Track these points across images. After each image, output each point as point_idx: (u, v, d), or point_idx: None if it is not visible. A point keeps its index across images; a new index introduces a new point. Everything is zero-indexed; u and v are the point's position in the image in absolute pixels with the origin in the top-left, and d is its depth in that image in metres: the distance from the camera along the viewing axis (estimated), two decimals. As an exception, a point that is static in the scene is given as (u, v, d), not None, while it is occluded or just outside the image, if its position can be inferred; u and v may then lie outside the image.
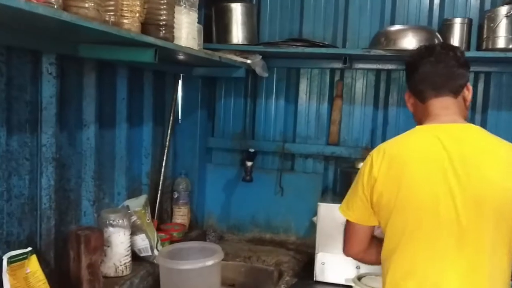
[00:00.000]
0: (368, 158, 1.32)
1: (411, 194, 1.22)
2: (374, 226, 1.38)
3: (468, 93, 1.35)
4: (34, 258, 1.41)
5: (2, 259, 1.30)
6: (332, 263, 2.05)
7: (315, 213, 2.10)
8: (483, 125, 2.25)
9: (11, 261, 1.33)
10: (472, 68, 2.23)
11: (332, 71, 2.45)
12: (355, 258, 1.49)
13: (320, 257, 2.06)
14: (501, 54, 1.99)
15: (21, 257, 1.36)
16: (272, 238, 2.55)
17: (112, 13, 1.30)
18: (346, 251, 1.45)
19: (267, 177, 2.50)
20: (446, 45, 1.48)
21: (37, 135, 1.46)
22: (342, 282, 2.00)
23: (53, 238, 1.54)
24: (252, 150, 2.42)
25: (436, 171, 1.21)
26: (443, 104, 1.32)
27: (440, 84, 1.31)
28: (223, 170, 2.58)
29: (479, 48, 2.12)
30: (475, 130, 1.29)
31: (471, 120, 2.28)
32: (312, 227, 2.28)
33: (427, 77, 1.32)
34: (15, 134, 1.37)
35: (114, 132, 1.88)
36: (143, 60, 1.43)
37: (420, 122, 1.36)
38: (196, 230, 2.46)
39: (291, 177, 2.49)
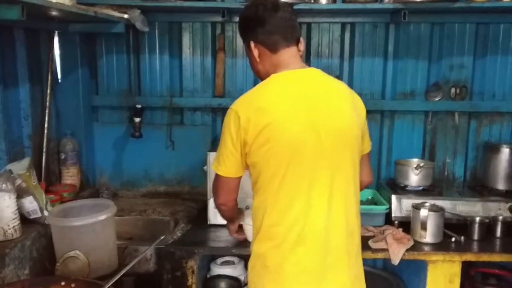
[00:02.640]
0: (232, 113, 1.42)
1: (282, 137, 1.37)
2: (241, 176, 1.53)
3: (301, 44, 1.52)
4: None
5: None
6: (223, 207, 2.19)
7: (205, 163, 2.21)
8: (351, 70, 2.50)
9: None
10: (338, 19, 2.46)
11: (213, 24, 2.52)
12: (224, 209, 1.66)
13: (212, 202, 2.19)
14: (361, 6, 2.20)
15: None
16: (167, 191, 2.64)
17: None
18: (217, 201, 1.62)
19: (157, 132, 2.55)
20: (282, 2, 1.62)
21: None
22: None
23: None
24: (139, 106, 2.44)
25: (299, 112, 1.38)
26: (291, 54, 1.48)
27: (290, 36, 1.47)
28: (111, 128, 2.57)
29: (344, 0, 2.32)
30: (319, 73, 1.50)
31: (341, 67, 2.51)
32: (204, 176, 2.40)
33: (278, 29, 1.45)
34: None
35: (-13, 94, 1.79)
36: (9, 18, 1.37)
37: (267, 73, 1.48)
38: (88, 190, 2.46)
39: (181, 131, 2.57)
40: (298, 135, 1.37)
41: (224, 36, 2.51)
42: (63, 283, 1.43)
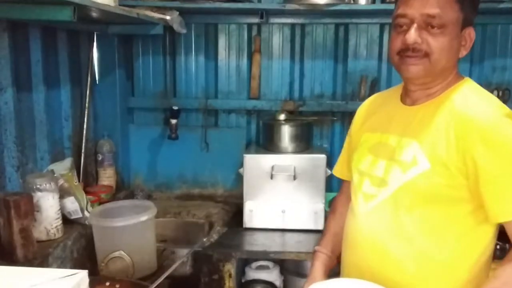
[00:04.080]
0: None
1: None
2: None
3: None
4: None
5: None
6: (259, 210, 2.17)
7: (240, 166, 2.20)
8: (389, 72, 2.46)
9: None
10: (377, 20, 2.40)
11: (250, 26, 2.50)
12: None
13: (248, 205, 2.18)
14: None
15: None
16: (201, 193, 2.63)
17: (24, -32, 1.24)
18: None
19: (191, 134, 2.55)
20: None
21: (-50, 101, 1.38)
22: (269, 226, 2.16)
23: (-21, 207, 1.49)
24: (175, 107, 2.44)
25: None
26: None
27: None
28: (147, 129, 2.58)
29: (383, 0, 2.28)
30: None
31: (379, 69, 2.47)
32: (238, 179, 2.39)
33: None
34: None
35: (32, 96, 1.81)
36: (61, 19, 1.38)
37: (454, 68, 1.20)
38: (123, 191, 2.47)
39: (215, 133, 2.56)
40: None
41: (260, 38, 2.50)
42: (107, 283, 1.43)
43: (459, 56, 1.19)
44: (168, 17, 2.05)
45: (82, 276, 0.61)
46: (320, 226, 2.10)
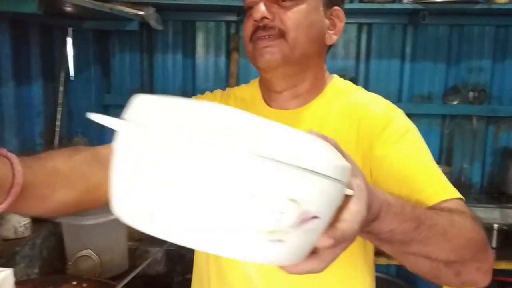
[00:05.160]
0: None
1: None
2: None
3: None
4: None
5: None
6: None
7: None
8: (367, 72, 2.46)
9: None
10: (355, 20, 2.42)
11: (228, 24, 2.49)
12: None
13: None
14: (379, 6, 2.16)
15: None
16: (177, 192, 2.60)
17: (-14, -42, 1.21)
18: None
19: (168, 131, 2.51)
20: None
21: None
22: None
23: None
24: (151, 105, 2.41)
25: None
26: None
27: None
28: (123, 127, 2.54)
29: (361, 0, 2.28)
30: None
31: (357, 68, 2.47)
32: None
33: None
34: None
35: (0, 90, 1.77)
36: (25, 11, 1.35)
37: (321, 59, 0.99)
38: (99, 189, 2.43)
39: (192, 131, 2.53)
40: None
41: (239, 36, 2.48)
42: (74, 283, 1.40)
43: (328, 43, 0.95)
44: (142, 13, 2.02)
45: (6, 274, 0.58)
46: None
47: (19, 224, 1.67)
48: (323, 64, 0.99)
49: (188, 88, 2.54)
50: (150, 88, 2.53)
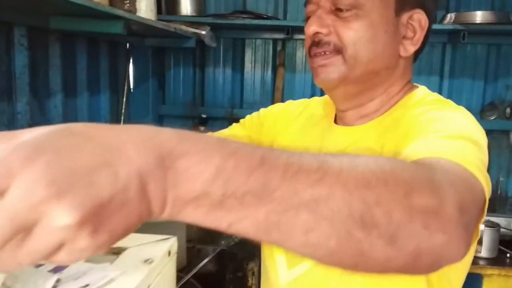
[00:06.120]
0: None
1: None
2: None
3: None
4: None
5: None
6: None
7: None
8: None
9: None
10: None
11: (275, 41, 2.66)
12: None
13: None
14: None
15: None
16: (223, 197, 2.76)
17: (85, -12, 1.40)
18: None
19: (217, 141, 2.69)
20: None
21: (13, 104, 1.54)
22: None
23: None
24: (204, 115, 2.60)
25: None
26: None
27: None
28: (175, 136, 2.73)
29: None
30: None
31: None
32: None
33: None
34: (-6, 102, 1.45)
35: (76, 101, 1.97)
36: (113, 32, 1.54)
37: (393, 75, 0.83)
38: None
39: (239, 140, 2.70)
40: None
41: (285, 53, 2.65)
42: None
43: (403, 55, 0.80)
44: (203, 32, 2.21)
45: (173, 241, 0.74)
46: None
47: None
48: (400, 79, 0.83)
49: (236, 100, 2.72)
50: (201, 100, 2.73)
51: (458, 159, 0.54)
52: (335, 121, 0.90)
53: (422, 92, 0.84)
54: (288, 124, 0.97)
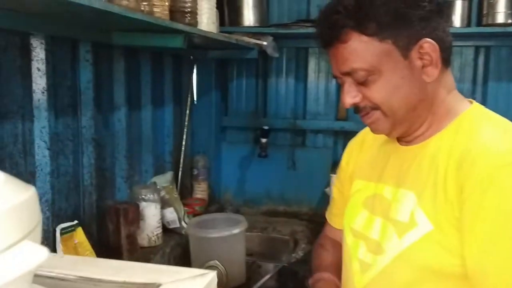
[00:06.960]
0: None
1: None
2: None
3: None
4: (80, 230, 1.55)
5: (56, 230, 1.45)
6: (345, 230, 2.19)
7: (326, 185, 2.24)
8: (484, 95, 2.40)
9: (62, 232, 1.47)
10: (472, 43, 2.38)
11: (339, 49, 2.56)
12: None
13: (334, 225, 2.21)
14: (500, 29, 2.11)
15: (69, 229, 1.50)
16: (286, 210, 2.70)
17: (146, 3, 1.41)
18: None
19: (279, 152, 2.64)
20: None
21: (78, 118, 1.58)
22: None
23: (95, 212, 1.68)
24: (266, 127, 2.55)
25: None
26: None
27: None
28: (238, 147, 2.72)
29: (479, 23, 2.24)
30: None
31: (473, 92, 2.41)
32: (324, 198, 2.43)
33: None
34: (60, 117, 1.49)
35: (141, 114, 2.01)
36: (174, 46, 1.55)
37: (438, 99, 0.93)
38: (214, 205, 2.61)
39: (302, 152, 2.63)
40: None
41: (350, 61, 2.55)
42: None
43: (430, 79, 0.90)
44: (264, 43, 2.17)
45: (211, 276, 0.69)
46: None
47: (152, 233, 1.86)
48: (437, 96, 0.93)
49: (299, 111, 2.65)
50: (263, 110, 2.69)
51: None
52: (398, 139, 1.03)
53: (472, 114, 0.93)
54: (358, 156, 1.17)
